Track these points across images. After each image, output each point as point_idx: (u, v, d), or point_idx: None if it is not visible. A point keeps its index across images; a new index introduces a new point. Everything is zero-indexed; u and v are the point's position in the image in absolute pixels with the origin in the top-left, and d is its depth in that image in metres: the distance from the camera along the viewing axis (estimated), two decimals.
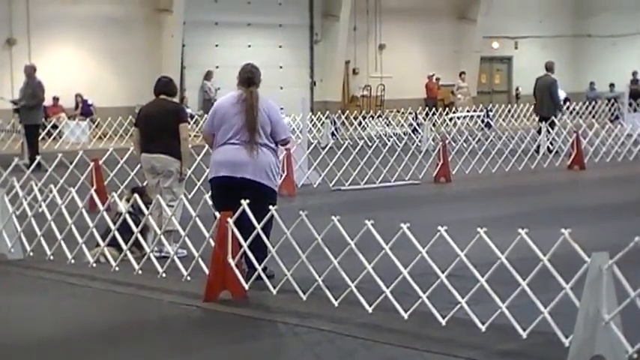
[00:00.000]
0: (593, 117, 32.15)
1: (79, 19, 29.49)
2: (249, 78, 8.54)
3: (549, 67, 21.85)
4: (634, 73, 36.42)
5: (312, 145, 17.13)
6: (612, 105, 34.32)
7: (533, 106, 23.66)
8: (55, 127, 27.51)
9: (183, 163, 9.78)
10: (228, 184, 8.40)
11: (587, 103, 34.78)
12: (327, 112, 28.05)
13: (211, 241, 8.05)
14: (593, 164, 19.30)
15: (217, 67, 30.83)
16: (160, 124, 9.74)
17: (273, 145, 8.51)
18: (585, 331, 5.62)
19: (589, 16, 40.17)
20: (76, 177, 13.23)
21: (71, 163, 13.95)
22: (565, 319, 6.06)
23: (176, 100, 10.18)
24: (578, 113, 32.26)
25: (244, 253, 7.88)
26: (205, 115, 12.23)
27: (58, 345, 6.81)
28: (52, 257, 9.55)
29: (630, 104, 30.07)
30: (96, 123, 28.52)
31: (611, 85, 36.74)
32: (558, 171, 18.52)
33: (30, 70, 20.29)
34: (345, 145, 17.40)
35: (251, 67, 8.65)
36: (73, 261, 9.36)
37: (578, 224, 10.11)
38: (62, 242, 9.50)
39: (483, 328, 6.55)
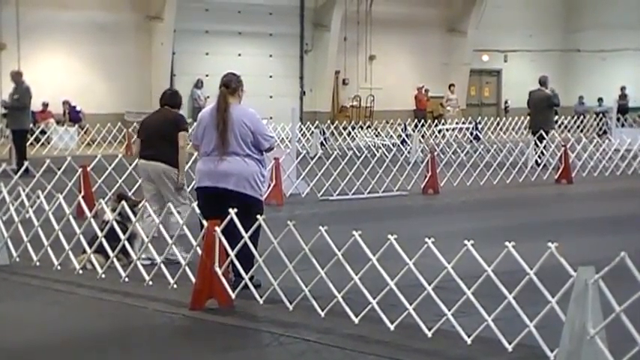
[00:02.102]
0: (582, 131, 32.27)
1: (69, 26, 29.48)
2: (224, 83, 8.55)
3: (543, 82, 21.95)
4: (622, 88, 36.60)
5: (301, 155, 17.14)
6: (600, 119, 34.47)
7: (527, 121, 23.75)
8: (43, 132, 27.48)
9: (180, 172, 9.84)
10: (212, 193, 8.41)
11: (576, 117, 34.92)
12: (317, 122, 28.09)
13: (198, 249, 8.04)
14: (581, 178, 19.36)
15: (207, 75, 30.83)
16: (158, 132, 9.93)
17: (257, 155, 8.49)
18: (571, 345, 5.63)
19: (578, 31, 40.35)
20: (64, 183, 13.20)
21: (59, 169, 13.93)
22: (551, 333, 6.08)
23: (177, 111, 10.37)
24: (566, 127, 32.38)
25: (231, 261, 7.87)
26: (194, 123, 12.19)
27: (43, 352, 6.78)
28: (38, 263, 9.53)
29: (618, 119, 30.20)
30: (84, 129, 28.47)
31: (600, 100, 36.89)
32: (546, 185, 18.57)
33: (16, 77, 20.24)
34: (333, 156, 17.41)
35: (230, 74, 8.69)
36: (59, 267, 9.33)
37: (565, 238, 10.14)
38: (49, 248, 9.47)
39: (469, 340, 6.55)
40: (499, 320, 6.49)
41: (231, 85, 8.54)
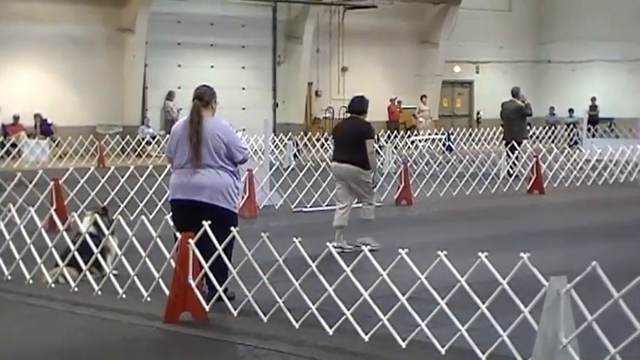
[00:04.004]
0: (553, 142, 32.50)
1: (40, 39, 29.33)
2: (197, 95, 8.55)
3: (515, 93, 22.07)
4: (593, 99, 36.93)
5: (274, 167, 17.14)
6: (571, 130, 34.73)
7: (500, 131, 23.89)
8: (14, 145, 27.30)
9: (372, 173, 11.57)
10: (185, 206, 8.39)
11: (547, 127, 35.17)
12: (290, 134, 28.10)
13: (172, 261, 8.02)
14: (553, 189, 19.49)
15: (179, 87, 30.77)
16: (348, 139, 11.52)
17: (230, 167, 8.48)
18: (543, 354, 5.67)
19: (549, 43, 40.67)
20: (36, 196, 13.12)
21: (31, 182, 13.84)
22: (524, 343, 6.11)
23: (366, 118, 11.75)
24: (538, 138, 32.59)
25: (205, 274, 7.86)
26: (167, 136, 12.21)
27: None
28: (9, 277, 9.46)
29: (589, 130, 30.45)
30: (56, 142, 28.33)
31: (571, 111, 37.18)
32: (518, 195, 18.68)
33: None
34: (307, 167, 17.43)
35: (202, 86, 8.69)
36: (31, 281, 9.27)
37: (538, 248, 10.21)
38: (21, 262, 9.41)
39: (443, 350, 6.58)
40: (473, 330, 6.52)
41: (204, 98, 8.54)
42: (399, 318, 6.97)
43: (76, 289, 8.91)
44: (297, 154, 26.03)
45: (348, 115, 11.92)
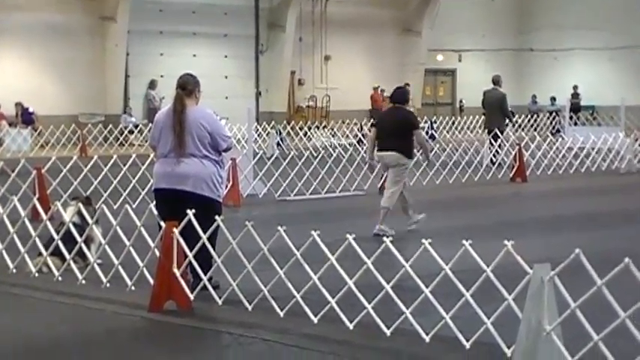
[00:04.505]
0: (535, 130, 32.61)
1: (21, 27, 29.17)
2: (180, 84, 8.52)
3: (496, 81, 22.09)
4: (575, 87, 37.06)
5: (258, 156, 17.12)
6: (553, 118, 34.86)
7: (482, 120, 23.94)
8: None
9: (426, 157, 12.85)
10: (169, 195, 8.37)
11: (530, 116, 35.27)
12: (273, 123, 28.08)
13: (156, 250, 8.01)
14: (535, 177, 19.56)
15: (162, 76, 30.68)
16: (391, 129, 11.95)
17: (214, 156, 8.45)
18: (527, 342, 5.70)
19: (531, 31, 40.76)
20: (18, 185, 13.07)
21: (13, 172, 13.78)
22: (507, 330, 6.14)
23: (409, 108, 12.60)
24: (520, 126, 32.69)
25: (190, 263, 7.85)
26: (150, 125, 12.18)
27: None
28: None
29: (571, 117, 30.57)
30: (38, 131, 28.20)
31: (553, 99, 37.30)
32: (501, 183, 18.74)
33: None
34: (290, 156, 17.42)
35: (186, 75, 8.64)
36: (14, 271, 9.24)
37: (521, 236, 10.25)
38: (4, 252, 9.38)
39: (427, 338, 6.60)
40: (457, 318, 6.55)
41: (187, 87, 8.51)
42: (384, 306, 6.98)
43: (59, 278, 8.89)
44: (280, 142, 26.01)
45: (391, 105, 12.47)
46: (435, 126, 31.35)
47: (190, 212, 7.80)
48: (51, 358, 6.71)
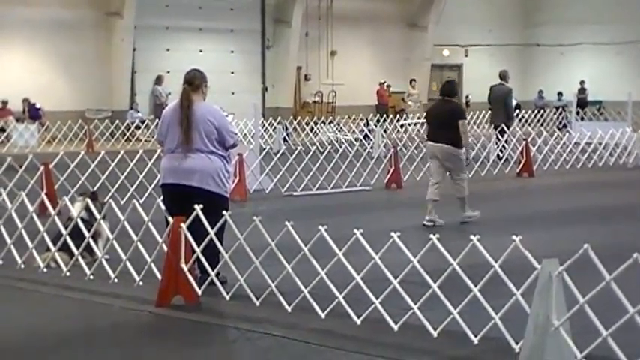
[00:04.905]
0: (542, 125, 32.55)
1: (28, 22, 29.18)
2: (187, 80, 8.52)
3: (503, 76, 22.02)
4: (581, 82, 36.98)
5: (264, 151, 17.12)
6: (560, 113, 34.79)
7: (489, 115, 23.91)
8: (2, 130, 27.22)
9: (465, 149, 12.43)
10: (176, 191, 8.38)
11: (536, 111, 35.20)
12: (279, 118, 28.06)
13: (164, 245, 8.01)
14: (542, 172, 19.54)
15: (168, 71, 30.67)
16: (440, 120, 12.28)
17: (221, 152, 8.45)
18: (535, 337, 5.70)
19: (538, 26, 40.67)
20: (26, 181, 13.09)
21: (21, 167, 13.80)
22: (515, 325, 6.14)
23: (456, 100, 12.88)
24: (527, 121, 32.64)
25: (197, 258, 7.86)
26: (157, 120, 12.22)
27: (7, 352, 6.72)
28: (1, 262, 9.44)
29: (578, 113, 30.51)
30: (45, 127, 28.24)
31: (559, 94, 37.23)
32: (508, 178, 18.73)
33: None
34: (297, 151, 17.42)
35: (193, 70, 8.64)
36: (23, 266, 9.26)
37: (529, 231, 10.24)
38: (12, 247, 9.40)
39: (435, 333, 6.60)
40: (465, 313, 6.55)
41: (194, 82, 8.51)
42: (391, 301, 6.99)
43: (67, 273, 8.91)
44: (286, 138, 26.00)
45: (440, 97, 12.78)
46: None
47: (198, 207, 7.81)
48: (59, 352, 6.72)
